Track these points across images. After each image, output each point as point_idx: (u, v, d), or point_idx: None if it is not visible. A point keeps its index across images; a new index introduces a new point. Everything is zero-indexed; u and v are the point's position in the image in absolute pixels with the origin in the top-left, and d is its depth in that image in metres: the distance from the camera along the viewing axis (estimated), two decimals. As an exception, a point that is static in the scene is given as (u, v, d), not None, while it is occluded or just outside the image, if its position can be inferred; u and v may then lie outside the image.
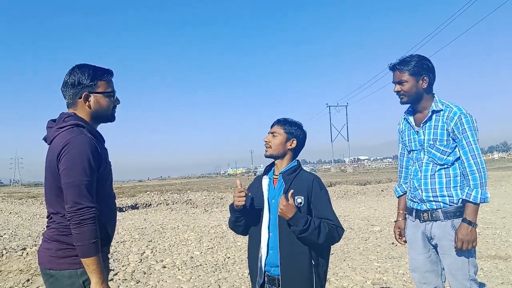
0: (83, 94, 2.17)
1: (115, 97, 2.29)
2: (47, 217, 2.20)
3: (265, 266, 2.57)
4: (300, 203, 2.47)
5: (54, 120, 2.21)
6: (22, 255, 6.97)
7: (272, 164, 2.70)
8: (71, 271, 2.05)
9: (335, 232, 2.45)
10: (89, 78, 2.17)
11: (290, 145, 2.60)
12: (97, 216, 2.02)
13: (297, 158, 2.68)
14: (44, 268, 2.12)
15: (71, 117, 2.15)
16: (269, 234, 2.57)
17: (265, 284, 2.58)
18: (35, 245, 7.89)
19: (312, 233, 2.37)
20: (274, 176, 2.66)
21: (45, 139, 2.20)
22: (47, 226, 2.17)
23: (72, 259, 2.05)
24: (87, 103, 2.18)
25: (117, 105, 2.33)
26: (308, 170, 2.88)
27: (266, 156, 2.66)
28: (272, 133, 2.63)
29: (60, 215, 2.08)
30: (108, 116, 2.28)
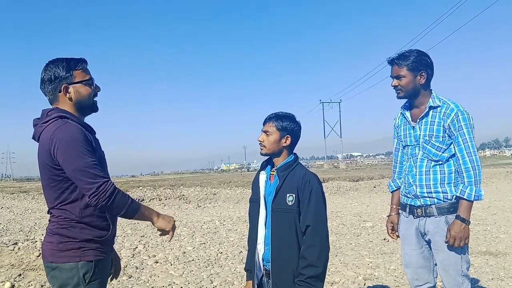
0: (62, 87, 2.17)
1: (94, 85, 2.29)
2: (48, 212, 2.22)
3: (262, 261, 2.61)
4: (291, 200, 2.48)
5: (38, 118, 2.22)
6: (13, 250, 6.92)
7: (270, 159, 2.70)
8: (71, 264, 2.08)
9: (319, 259, 2.41)
10: (64, 70, 2.17)
11: (285, 142, 2.58)
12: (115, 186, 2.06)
13: (294, 152, 2.67)
14: (46, 261, 2.15)
15: (53, 110, 2.16)
16: (265, 230, 2.59)
17: (263, 277, 2.63)
18: (27, 240, 7.84)
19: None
20: (271, 172, 2.66)
21: (34, 137, 2.22)
22: (49, 221, 2.19)
23: (73, 252, 2.08)
24: (68, 95, 2.19)
25: (98, 93, 2.33)
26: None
27: (262, 154, 2.65)
28: (265, 131, 2.60)
29: (57, 209, 2.11)
30: (89, 105, 2.28)
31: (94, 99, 2.30)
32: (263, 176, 2.68)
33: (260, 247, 2.61)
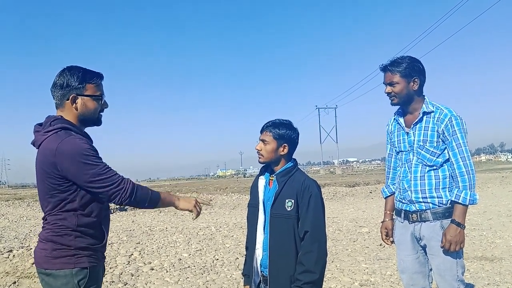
0: (71, 96, 2.19)
1: (103, 101, 2.31)
2: (42, 219, 2.22)
3: (260, 267, 2.60)
4: (290, 206, 2.48)
5: (40, 124, 2.22)
6: (8, 257, 6.86)
7: (269, 165, 2.69)
8: (66, 271, 2.09)
9: (316, 265, 2.41)
10: (78, 81, 2.19)
11: (282, 151, 2.58)
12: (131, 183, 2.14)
13: (293, 157, 2.67)
14: (40, 267, 2.15)
15: (57, 120, 2.17)
16: (263, 235, 2.58)
17: (261, 284, 2.62)
18: (22, 247, 7.78)
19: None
20: (271, 177, 2.65)
21: (33, 143, 2.21)
22: (42, 227, 2.20)
23: (67, 259, 2.10)
24: (74, 105, 2.21)
25: (105, 109, 2.35)
26: None
27: (260, 163, 2.66)
28: (262, 140, 2.60)
29: (53, 215, 2.12)
30: (94, 119, 2.30)
31: (100, 113, 2.33)
32: (262, 181, 2.68)
33: (259, 253, 2.61)
